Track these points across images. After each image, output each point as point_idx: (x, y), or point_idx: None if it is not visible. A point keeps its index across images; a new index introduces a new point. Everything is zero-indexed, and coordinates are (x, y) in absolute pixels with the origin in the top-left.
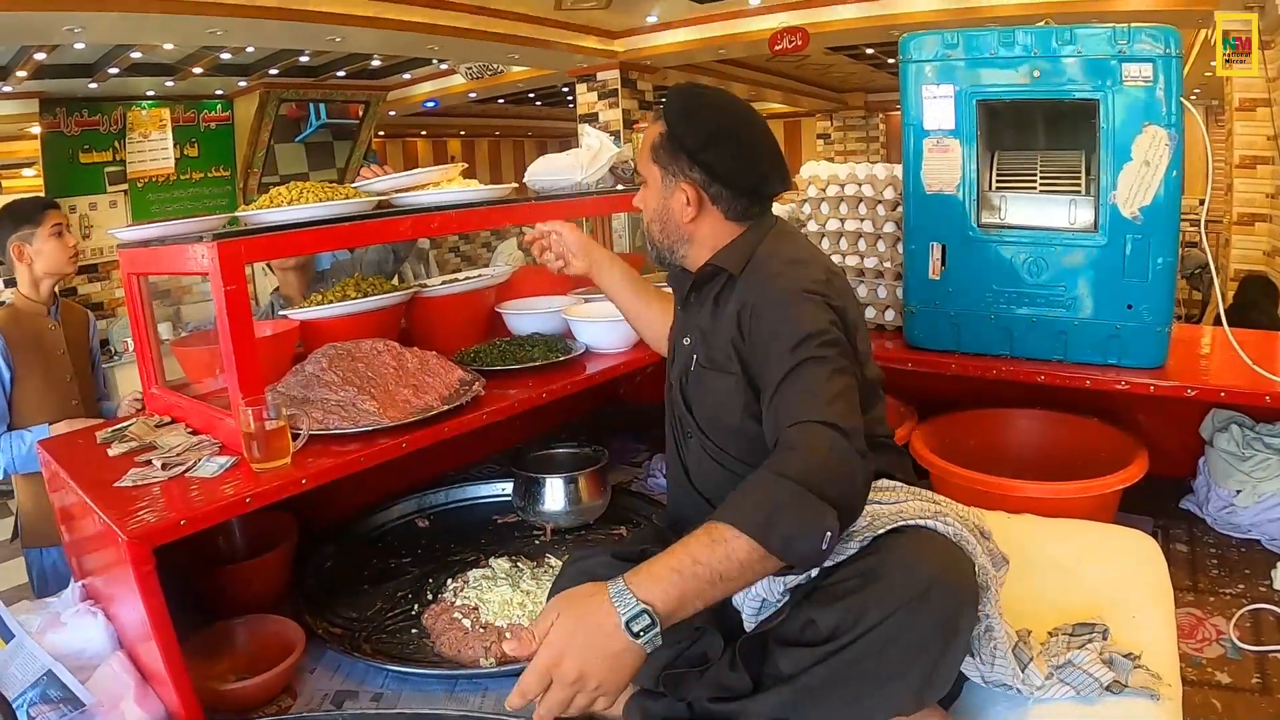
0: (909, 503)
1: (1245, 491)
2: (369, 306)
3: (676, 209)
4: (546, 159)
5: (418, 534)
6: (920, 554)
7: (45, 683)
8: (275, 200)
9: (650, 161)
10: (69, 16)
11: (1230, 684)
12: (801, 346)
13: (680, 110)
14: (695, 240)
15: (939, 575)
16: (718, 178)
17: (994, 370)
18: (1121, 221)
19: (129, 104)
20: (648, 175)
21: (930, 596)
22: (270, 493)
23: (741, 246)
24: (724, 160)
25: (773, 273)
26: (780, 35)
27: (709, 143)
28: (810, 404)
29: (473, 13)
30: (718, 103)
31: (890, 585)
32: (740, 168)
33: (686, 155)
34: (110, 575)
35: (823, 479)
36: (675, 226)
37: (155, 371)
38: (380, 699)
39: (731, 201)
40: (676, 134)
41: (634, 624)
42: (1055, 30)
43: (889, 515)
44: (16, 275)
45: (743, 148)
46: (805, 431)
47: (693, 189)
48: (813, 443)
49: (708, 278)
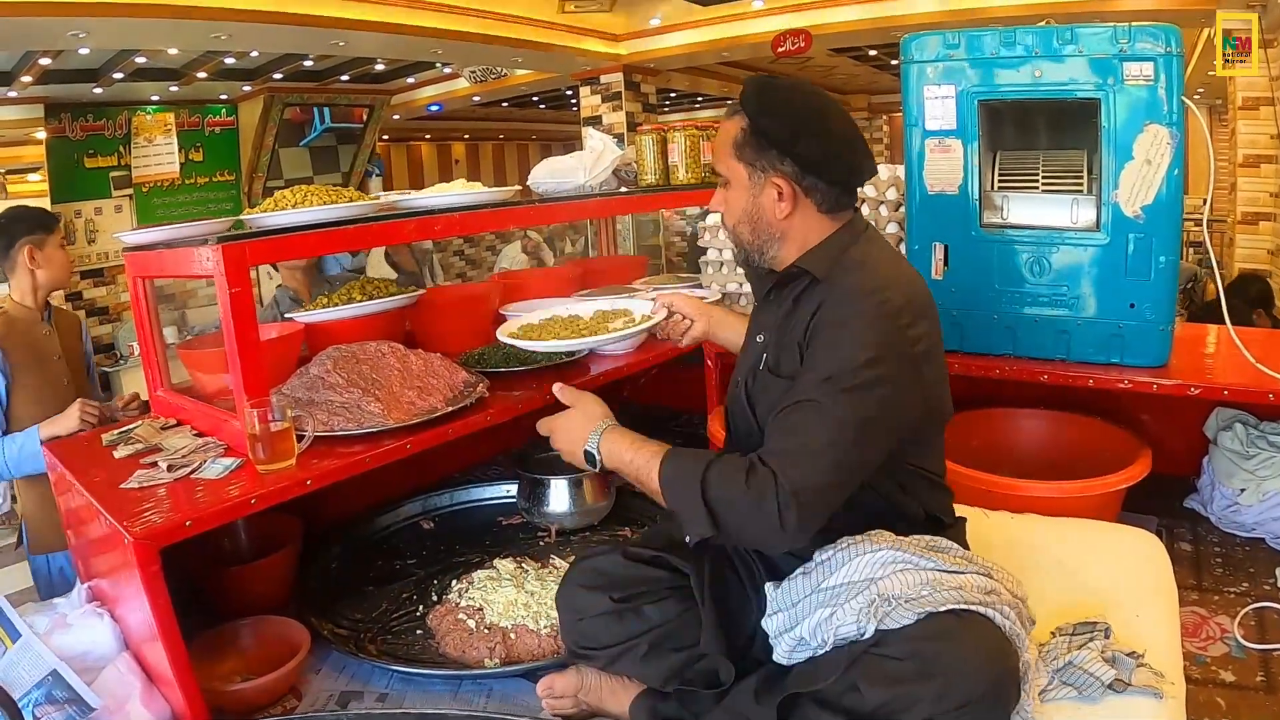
0: (968, 576)
1: (1249, 490)
2: (373, 309)
3: (768, 206)
4: (550, 161)
5: (422, 536)
6: (977, 656)
7: (51, 683)
8: (280, 203)
9: (733, 159)
10: (74, 21)
11: (1234, 682)
12: (831, 380)
13: (761, 103)
14: (788, 238)
15: (992, 687)
16: (810, 169)
17: (997, 370)
18: (1124, 220)
19: (134, 109)
20: (731, 174)
21: (980, 705)
22: (275, 494)
23: (830, 249)
24: (815, 151)
25: (851, 287)
26: (783, 37)
27: (798, 134)
28: (784, 444)
29: (477, 16)
30: (798, 92)
31: (945, 686)
32: (832, 157)
33: (775, 149)
34: (116, 577)
35: (725, 511)
36: (768, 225)
37: (161, 374)
38: (385, 699)
39: (826, 193)
40: (761, 127)
41: (589, 448)
42: (1056, 30)
43: (949, 589)
44: (15, 280)
45: (832, 137)
46: (758, 469)
47: (785, 183)
48: (752, 482)
49: (791, 278)
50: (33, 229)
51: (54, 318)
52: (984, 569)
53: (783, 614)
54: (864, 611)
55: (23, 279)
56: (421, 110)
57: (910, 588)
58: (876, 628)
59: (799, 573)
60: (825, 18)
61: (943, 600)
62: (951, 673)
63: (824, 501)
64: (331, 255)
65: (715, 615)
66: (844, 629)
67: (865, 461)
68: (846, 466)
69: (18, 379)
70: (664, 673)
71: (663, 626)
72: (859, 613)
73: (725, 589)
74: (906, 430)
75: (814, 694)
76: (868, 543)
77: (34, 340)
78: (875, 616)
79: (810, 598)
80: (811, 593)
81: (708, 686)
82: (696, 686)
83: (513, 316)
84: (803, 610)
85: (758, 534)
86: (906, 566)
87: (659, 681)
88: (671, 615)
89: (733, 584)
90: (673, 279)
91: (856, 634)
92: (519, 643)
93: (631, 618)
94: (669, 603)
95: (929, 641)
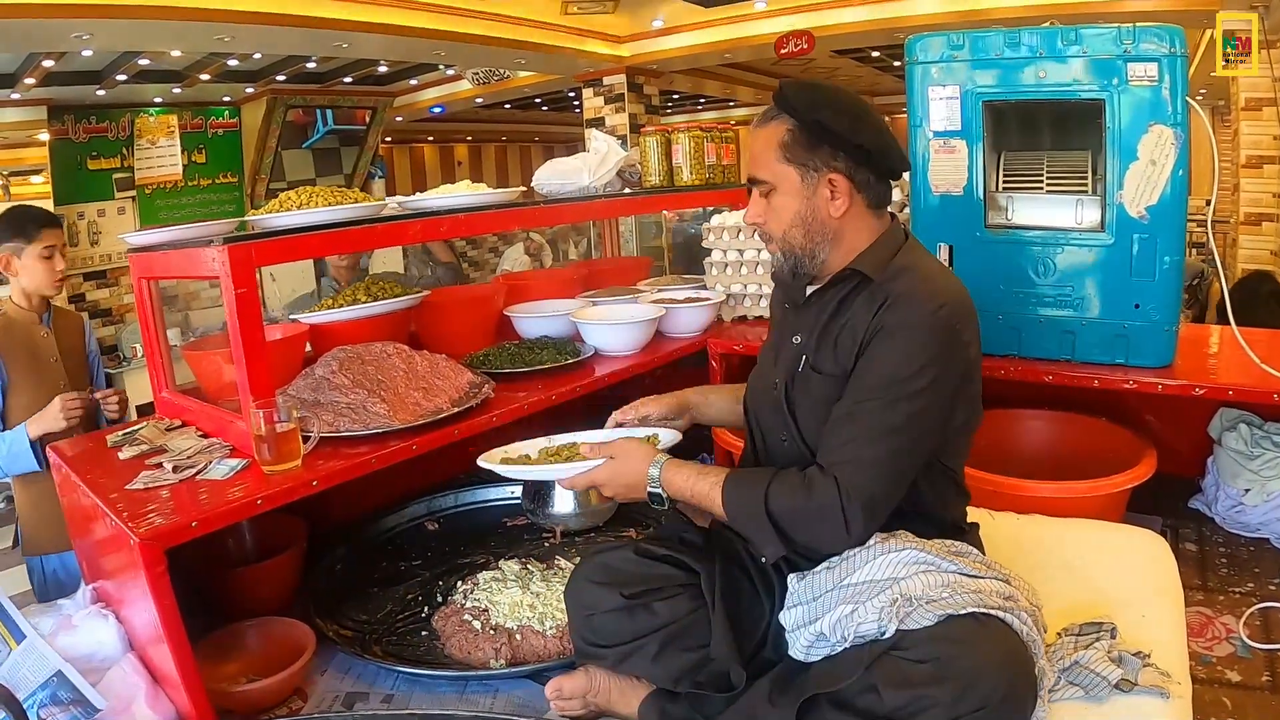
0: (987, 581)
1: (1254, 490)
2: (378, 310)
3: (823, 205)
4: (554, 163)
5: (427, 537)
6: (995, 660)
7: (56, 684)
8: (285, 204)
9: (781, 162)
10: (77, 24)
11: (1240, 682)
12: (891, 387)
13: (812, 100)
14: (841, 238)
15: (1009, 692)
16: (864, 161)
17: (1002, 370)
18: (1128, 221)
19: (137, 111)
20: (778, 178)
21: (997, 710)
22: (281, 495)
23: (881, 252)
24: (873, 139)
25: (912, 294)
26: (786, 39)
27: (857, 126)
28: (844, 451)
29: (479, 18)
30: (837, 88)
31: (962, 690)
32: (887, 146)
33: (830, 143)
34: (122, 578)
35: (791, 524)
36: (822, 225)
37: (166, 375)
38: (391, 700)
39: (876, 186)
40: (819, 122)
41: (653, 489)
42: (1060, 31)
43: (969, 592)
44: (11, 283)
45: (881, 127)
46: (817, 477)
47: (840, 178)
48: (813, 491)
49: (843, 279)
50: (11, 236)
51: (54, 319)
52: (1003, 575)
53: (803, 607)
54: (885, 610)
55: (11, 283)
56: (424, 112)
57: (931, 589)
58: (897, 628)
59: (823, 567)
60: (828, 19)
61: (963, 603)
62: (969, 676)
63: (885, 505)
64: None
65: (726, 619)
66: (865, 626)
67: (916, 465)
68: (903, 471)
69: (13, 380)
70: (675, 673)
71: (674, 624)
72: (880, 611)
73: (736, 592)
74: (948, 434)
75: (831, 695)
76: (893, 542)
77: (31, 341)
78: (897, 616)
79: (832, 593)
80: (834, 588)
81: (719, 689)
82: (708, 689)
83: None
84: (824, 605)
85: (826, 541)
86: (929, 568)
87: (669, 682)
88: (682, 613)
89: (744, 586)
90: (677, 280)
91: (877, 633)
92: (524, 644)
93: (642, 614)
94: (680, 600)
95: (948, 644)
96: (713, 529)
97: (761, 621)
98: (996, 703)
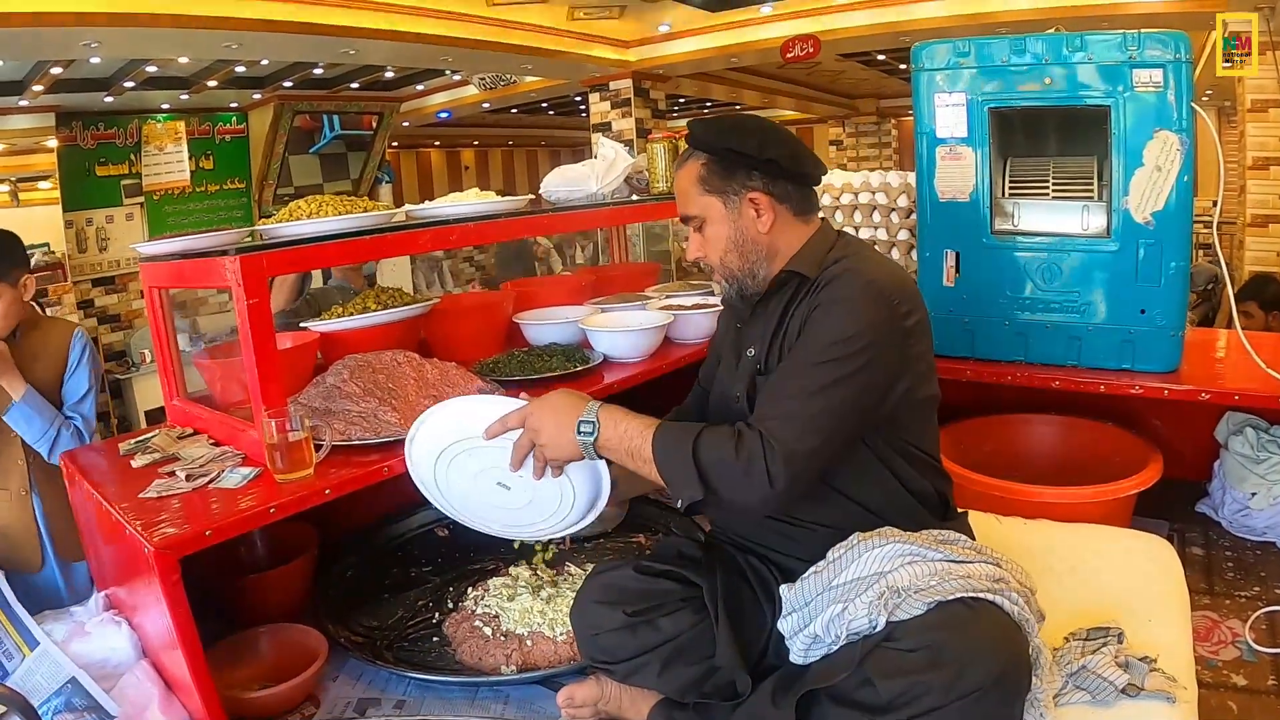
0: (975, 565)
1: (1260, 494)
2: (388, 318)
3: (749, 225)
4: (562, 170)
5: (437, 543)
6: (987, 642)
7: (70, 691)
8: (295, 214)
9: (701, 196)
10: (86, 32)
11: (1246, 686)
12: (821, 350)
13: (716, 131)
14: (776, 252)
15: (1003, 673)
16: (779, 174)
17: (1009, 376)
18: (1134, 227)
19: (144, 117)
20: (704, 210)
21: (993, 691)
22: (294, 503)
23: (814, 250)
24: (783, 151)
25: (843, 272)
26: (792, 43)
27: (764, 142)
28: (773, 408)
29: (486, 24)
30: (739, 115)
31: (956, 673)
32: (794, 155)
33: (742, 166)
34: (135, 585)
35: (717, 475)
36: (754, 244)
37: (177, 383)
38: (403, 706)
39: (796, 196)
40: (728, 149)
41: (582, 427)
42: (1066, 37)
43: (957, 578)
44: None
45: (784, 139)
46: (745, 431)
47: (760, 195)
48: (741, 445)
49: (780, 284)
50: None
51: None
52: (992, 559)
53: (796, 614)
54: (874, 604)
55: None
56: (431, 117)
57: (919, 579)
58: (887, 620)
59: (811, 573)
60: (834, 23)
61: (951, 589)
62: (962, 660)
63: (811, 464)
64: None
65: (729, 629)
66: (856, 623)
67: (848, 430)
68: (832, 431)
69: None
70: (681, 685)
71: (678, 639)
72: (869, 605)
73: (738, 601)
74: (893, 405)
75: (830, 691)
76: (877, 538)
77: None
78: (886, 609)
79: (823, 595)
80: (823, 591)
81: (725, 698)
82: (714, 699)
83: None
84: (815, 608)
85: (747, 495)
86: (915, 559)
87: (676, 694)
88: (685, 627)
89: (745, 596)
90: (684, 286)
91: (869, 627)
92: (535, 650)
93: (646, 631)
94: (683, 615)
95: (939, 631)
96: (710, 541)
97: (764, 629)
98: (991, 683)
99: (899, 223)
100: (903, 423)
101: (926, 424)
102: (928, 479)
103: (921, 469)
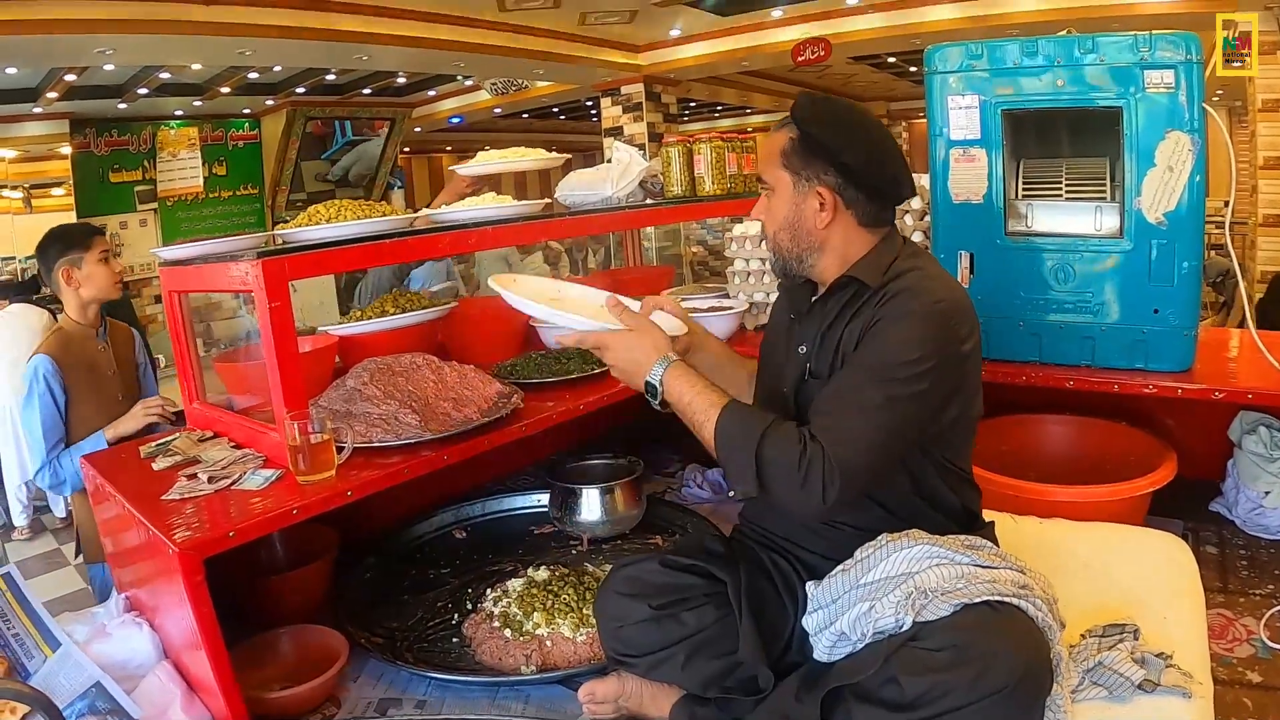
0: (1002, 570)
1: (1274, 493)
2: (407, 321)
3: (810, 215)
4: (576, 174)
5: (456, 545)
6: (1011, 644)
7: (94, 695)
8: (314, 218)
9: (779, 168)
10: (99, 39)
11: (1261, 683)
12: (884, 369)
13: (813, 114)
14: (827, 248)
15: (1026, 674)
16: (853, 180)
17: (1023, 376)
18: (1147, 227)
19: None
20: (775, 182)
21: (1015, 692)
22: (316, 504)
23: (878, 260)
24: (860, 161)
25: (908, 288)
26: (803, 46)
27: (847, 144)
28: (833, 421)
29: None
30: (847, 107)
31: (980, 673)
32: (875, 169)
33: (822, 158)
34: (158, 586)
35: (773, 474)
36: (808, 234)
37: (197, 387)
38: (424, 706)
39: (866, 205)
40: (813, 136)
41: (651, 379)
42: (1077, 39)
43: (984, 582)
44: (64, 300)
45: (876, 149)
46: (811, 444)
47: (828, 193)
48: (805, 455)
49: (841, 287)
50: (66, 249)
51: (109, 332)
52: (1018, 566)
53: (822, 611)
54: (901, 604)
55: (69, 298)
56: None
57: (946, 581)
58: (914, 620)
59: (838, 571)
60: (844, 26)
61: (978, 592)
62: (986, 660)
63: (863, 481)
64: (420, 275)
65: (753, 624)
66: (882, 621)
67: (902, 449)
68: (887, 452)
69: (74, 394)
70: (704, 679)
71: (701, 633)
72: (897, 605)
73: (762, 598)
74: (942, 426)
75: (854, 688)
76: (905, 539)
77: (89, 356)
78: (913, 609)
79: (849, 594)
80: (850, 589)
81: (747, 693)
82: (736, 694)
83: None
84: (842, 606)
85: (798, 502)
86: (943, 561)
87: (699, 688)
88: (709, 621)
89: (769, 592)
90: (699, 289)
91: (895, 627)
92: (554, 650)
93: (670, 624)
94: (707, 609)
95: (964, 631)
96: (734, 537)
97: (787, 625)
98: (1014, 685)
99: (913, 225)
100: (946, 439)
101: (966, 441)
102: (960, 492)
103: (955, 483)
